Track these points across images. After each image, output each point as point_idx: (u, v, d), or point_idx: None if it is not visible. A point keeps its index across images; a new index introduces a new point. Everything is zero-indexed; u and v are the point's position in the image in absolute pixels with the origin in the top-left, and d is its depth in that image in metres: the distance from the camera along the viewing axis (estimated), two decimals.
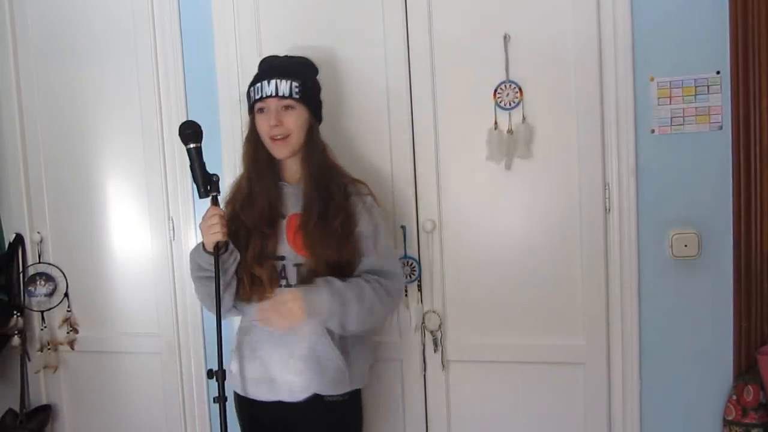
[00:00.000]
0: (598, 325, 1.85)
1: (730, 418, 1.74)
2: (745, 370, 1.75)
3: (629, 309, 1.83)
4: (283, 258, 1.60)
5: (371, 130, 1.98)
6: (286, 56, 1.77)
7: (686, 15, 1.74)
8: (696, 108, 1.75)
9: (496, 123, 1.86)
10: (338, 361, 1.59)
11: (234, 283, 1.61)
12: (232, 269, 1.59)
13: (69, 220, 2.32)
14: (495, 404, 1.97)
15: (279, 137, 1.60)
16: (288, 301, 1.51)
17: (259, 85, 1.62)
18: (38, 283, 2.33)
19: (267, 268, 1.58)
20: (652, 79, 1.78)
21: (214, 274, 1.51)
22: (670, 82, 1.76)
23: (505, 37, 1.84)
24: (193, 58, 2.13)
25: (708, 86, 1.74)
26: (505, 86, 1.85)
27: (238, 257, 1.59)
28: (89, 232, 2.29)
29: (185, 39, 2.13)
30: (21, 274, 2.34)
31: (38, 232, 2.35)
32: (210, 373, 1.53)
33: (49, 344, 2.34)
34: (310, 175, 1.63)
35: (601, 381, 1.87)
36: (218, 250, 1.52)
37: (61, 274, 2.33)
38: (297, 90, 1.60)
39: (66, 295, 2.32)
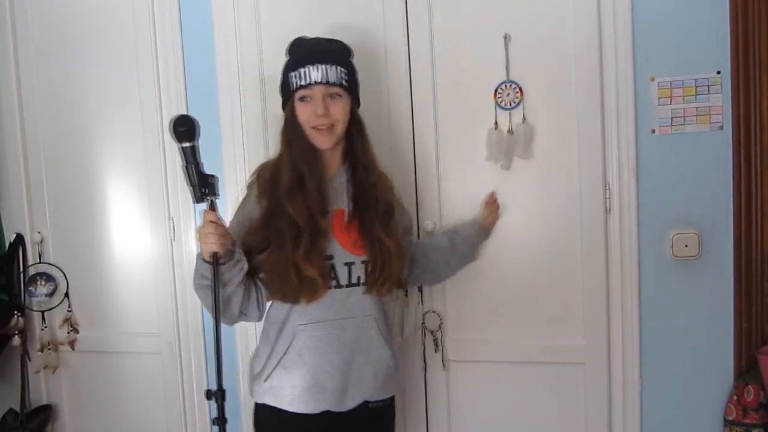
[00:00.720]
0: (599, 325, 1.85)
1: (730, 418, 1.74)
2: (745, 370, 1.75)
3: (629, 309, 1.83)
4: (331, 257, 1.49)
5: (371, 129, 1.96)
6: (317, 38, 1.62)
7: (686, 15, 1.74)
8: (696, 108, 1.75)
9: (496, 123, 1.86)
10: (390, 362, 1.55)
11: (240, 292, 1.47)
12: (237, 279, 1.44)
13: (69, 220, 2.32)
14: (495, 404, 1.97)
15: (323, 127, 1.50)
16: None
17: (304, 70, 1.49)
18: (39, 283, 2.33)
19: (318, 267, 1.45)
20: (652, 79, 1.78)
21: (212, 285, 1.37)
22: (671, 82, 1.76)
23: (505, 38, 1.84)
24: (194, 56, 2.13)
25: (708, 86, 1.74)
26: (506, 86, 1.85)
27: (245, 268, 1.45)
28: (90, 232, 2.29)
29: (185, 36, 2.13)
30: (21, 274, 2.34)
31: (39, 232, 2.34)
32: (209, 394, 1.36)
33: (49, 344, 2.34)
34: (365, 169, 1.55)
35: (602, 381, 1.87)
36: (217, 261, 1.37)
37: (62, 274, 2.33)
38: (345, 78, 1.51)
39: (66, 295, 2.32)
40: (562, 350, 1.89)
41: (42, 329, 2.34)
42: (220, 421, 1.35)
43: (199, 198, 1.37)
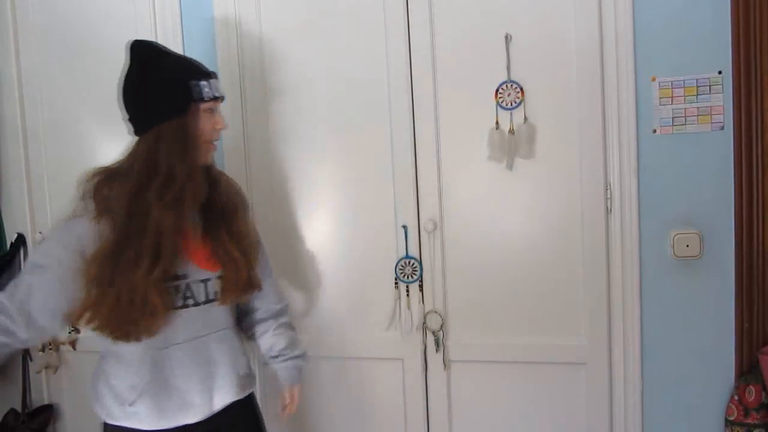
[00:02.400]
0: (600, 325, 1.85)
1: (731, 418, 1.74)
2: (746, 370, 1.75)
3: (631, 309, 1.83)
4: (185, 276, 1.42)
5: (372, 129, 1.98)
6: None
7: (688, 15, 1.74)
8: (698, 108, 1.75)
9: (497, 123, 1.86)
10: (248, 367, 1.58)
11: None
12: None
13: None
14: (496, 404, 1.97)
15: (216, 142, 1.48)
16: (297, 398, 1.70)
17: (206, 83, 1.42)
18: None
19: (162, 294, 1.36)
20: (653, 79, 1.78)
21: None
22: (672, 82, 1.76)
23: (506, 37, 1.84)
24: (195, 55, 2.12)
25: (710, 86, 1.74)
26: (507, 86, 1.85)
27: None
28: None
29: (186, 36, 2.13)
30: None
31: (40, 232, 2.34)
32: None
33: (50, 344, 2.34)
34: (216, 179, 1.51)
35: (603, 381, 1.87)
36: None
37: None
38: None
39: None
40: (563, 350, 1.89)
41: None
42: None
43: None
